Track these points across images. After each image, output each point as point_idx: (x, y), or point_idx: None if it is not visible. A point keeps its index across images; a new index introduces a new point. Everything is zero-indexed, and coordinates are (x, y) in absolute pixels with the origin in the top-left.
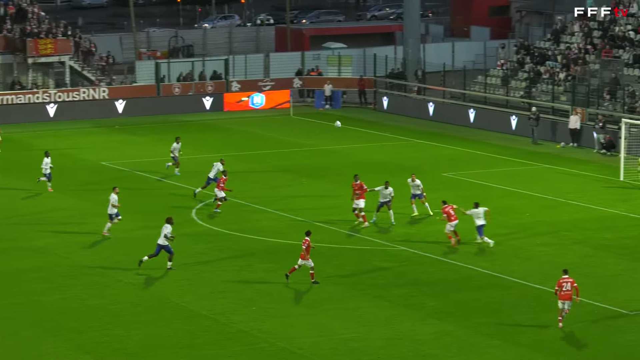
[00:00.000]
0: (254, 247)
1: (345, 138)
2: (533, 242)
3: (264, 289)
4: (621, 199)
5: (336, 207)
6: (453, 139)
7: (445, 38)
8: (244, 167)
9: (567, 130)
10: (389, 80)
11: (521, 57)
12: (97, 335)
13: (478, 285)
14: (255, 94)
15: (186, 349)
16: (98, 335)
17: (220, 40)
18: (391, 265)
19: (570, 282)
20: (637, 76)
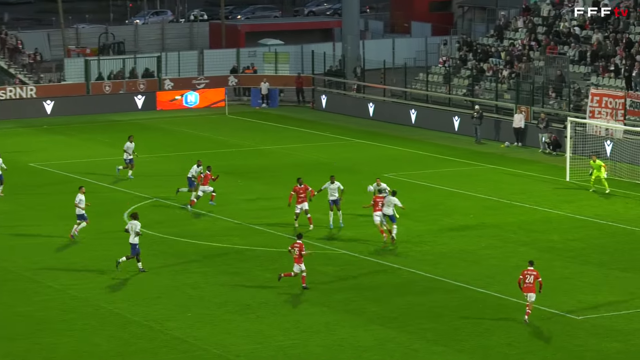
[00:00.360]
0: (188, 251)
1: (283, 138)
2: (478, 245)
3: (199, 295)
4: (567, 200)
5: (272, 209)
6: (394, 138)
7: (385, 34)
8: (178, 168)
9: (512, 130)
10: (328, 78)
11: (463, 54)
12: (26, 343)
13: (421, 290)
14: (189, 92)
15: (118, 357)
16: (27, 343)
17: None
18: (331, 270)
19: (534, 275)
20: (583, 73)
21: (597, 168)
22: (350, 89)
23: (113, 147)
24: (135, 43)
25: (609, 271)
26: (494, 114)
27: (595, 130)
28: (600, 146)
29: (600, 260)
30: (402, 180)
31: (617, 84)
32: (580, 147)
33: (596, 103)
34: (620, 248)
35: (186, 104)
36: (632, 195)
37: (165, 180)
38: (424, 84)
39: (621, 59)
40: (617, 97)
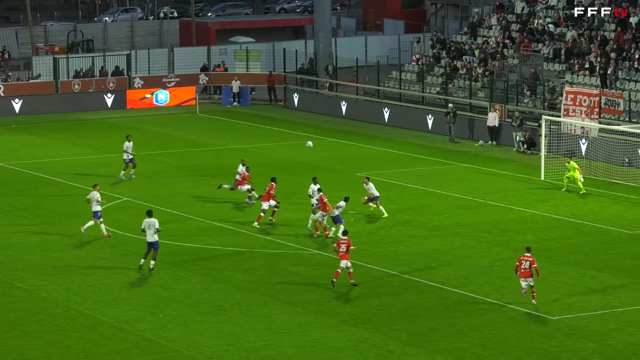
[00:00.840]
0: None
1: (255, 137)
2: (452, 245)
3: (170, 296)
4: (542, 199)
5: (245, 209)
6: (367, 137)
7: (357, 32)
8: (149, 167)
9: (486, 128)
10: (300, 76)
11: (437, 51)
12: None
13: (395, 290)
14: (159, 90)
15: (89, 358)
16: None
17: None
18: (303, 270)
19: (529, 262)
20: (558, 71)
21: (572, 169)
22: (322, 87)
23: (82, 147)
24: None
25: (584, 271)
26: (467, 112)
27: (570, 128)
28: (575, 145)
29: (575, 260)
30: (375, 180)
31: (592, 81)
32: (555, 146)
33: (571, 101)
34: (596, 247)
35: (156, 102)
36: (607, 194)
37: (135, 180)
38: (397, 82)
39: (596, 57)
40: (592, 95)
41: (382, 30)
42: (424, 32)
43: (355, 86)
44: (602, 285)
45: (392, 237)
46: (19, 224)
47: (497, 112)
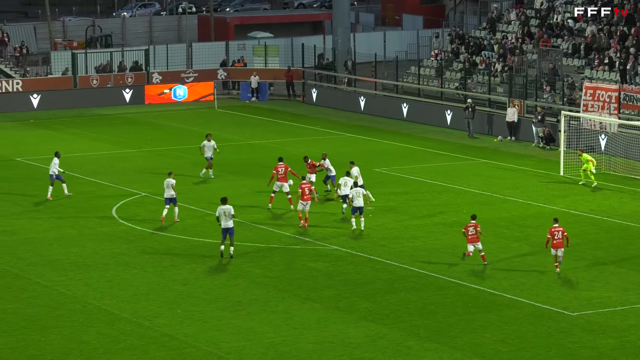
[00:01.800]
0: (177, 247)
1: (273, 132)
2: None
3: (188, 291)
4: (561, 195)
5: (262, 205)
6: (385, 132)
7: (376, 27)
8: (166, 162)
9: (505, 124)
10: (318, 72)
11: (456, 46)
12: (12, 340)
13: (413, 286)
14: (177, 85)
15: (107, 354)
16: (13, 340)
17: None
18: (322, 265)
19: (561, 231)
20: (577, 66)
21: (585, 161)
22: (341, 82)
23: (100, 142)
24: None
25: (603, 267)
26: (486, 107)
27: (589, 124)
28: (594, 140)
29: (594, 256)
30: (394, 175)
31: (611, 77)
32: (574, 141)
33: (590, 96)
34: (615, 243)
35: (175, 97)
36: (627, 190)
37: (153, 176)
38: (416, 78)
39: (615, 52)
40: (611, 90)
41: (400, 26)
42: (442, 28)
43: (374, 81)
44: (621, 281)
45: (410, 233)
46: (37, 218)
47: (516, 108)
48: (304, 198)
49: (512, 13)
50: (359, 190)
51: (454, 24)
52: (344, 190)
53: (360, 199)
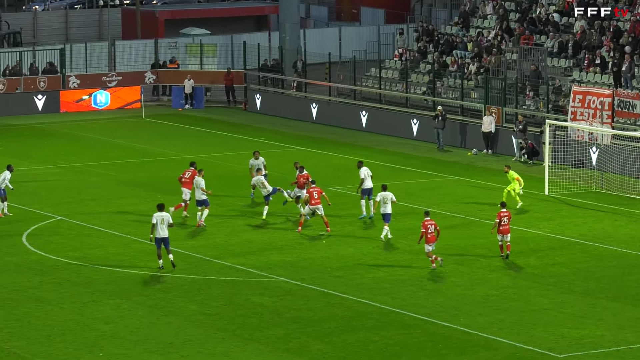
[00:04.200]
0: (98, 279)
1: (211, 145)
2: (441, 271)
3: (112, 331)
4: (545, 217)
5: (199, 230)
6: (341, 145)
7: (330, 22)
8: (85, 180)
9: (480, 134)
10: (262, 75)
11: (423, 45)
12: None
13: (374, 324)
14: (98, 91)
15: None
16: None
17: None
18: (268, 300)
19: (507, 217)
20: (563, 68)
21: (511, 179)
22: (289, 87)
23: (7, 157)
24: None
25: (595, 301)
26: (459, 116)
27: (577, 134)
28: (584, 153)
29: (585, 288)
30: (351, 195)
31: (603, 80)
32: (560, 155)
33: (579, 103)
34: (609, 273)
35: (95, 105)
36: (622, 212)
37: (71, 196)
38: (377, 81)
39: (608, 51)
40: (603, 95)
41: (358, 21)
42: (407, 23)
43: (328, 86)
44: (616, 317)
45: (371, 262)
46: None
47: (493, 116)
48: (312, 202)
49: (488, 6)
50: (387, 195)
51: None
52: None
53: (388, 204)
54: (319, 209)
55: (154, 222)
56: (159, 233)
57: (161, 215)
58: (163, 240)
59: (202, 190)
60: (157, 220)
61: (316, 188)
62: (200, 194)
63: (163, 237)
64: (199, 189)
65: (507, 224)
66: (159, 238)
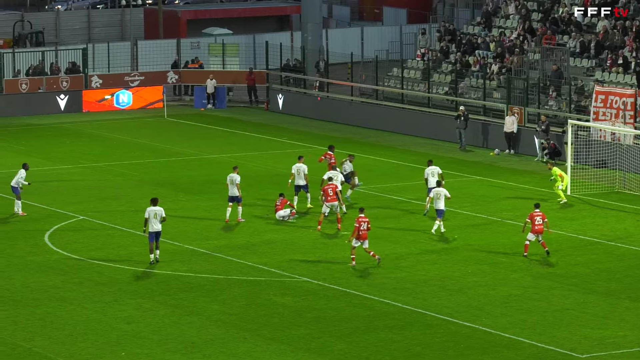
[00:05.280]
0: (120, 278)
1: (233, 145)
2: (463, 271)
3: (134, 331)
4: (568, 217)
5: (220, 230)
6: (363, 145)
7: (352, 22)
8: (107, 180)
9: (502, 134)
10: (285, 74)
11: (445, 45)
12: None
13: (396, 324)
14: (120, 91)
15: None
16: None
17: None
18: (290, 300)
19: (541, 216)
20: (586, 68)
21: (555, 176)
22: (311, 86)
23: (30, 156)
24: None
25: (617, 301)
26: (481, 116)
27: (600, 135)
28: (606, 153)
29: (607, 289)
30: (372, 194)
31: (626, 80)
32: (583, 155)
33: (601, 103)
34: (631, 274)
35: (117, 104)
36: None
37: (93, 195)
38: (399, 81)
39: (631, 51)
40: (625, 95)
41: (381, 20)
42: (430, 23)
43: (350, 86)
44: (639, 318)
45: (393, 262)
46: None
47: (515, 116)
48: (328, 199)
49: (510, 6)
50: (441, 191)
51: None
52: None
53: (441, 200)
54: (334, 206)
55: (147, 216)
56: (152, 227)
57: (154, 209)
58: (156, 235)
59: (237, 186)
60: (150, 214)
61: (332, 185)
62: (234, 190)
63: (156, 231)
64: (234, 185)
65: (541, 224)
66: (152, 232)
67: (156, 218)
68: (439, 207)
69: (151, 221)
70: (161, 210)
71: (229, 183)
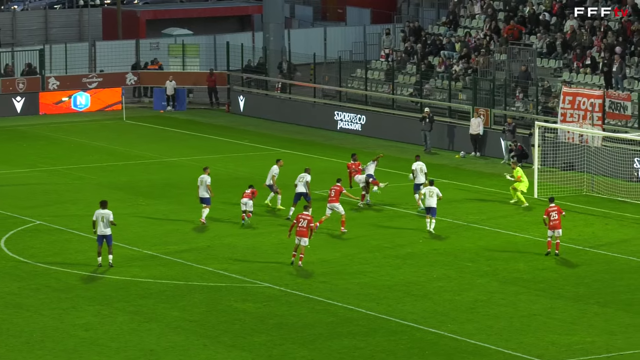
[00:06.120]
0: (77, 284)
1: (193, 148)
2: (428, 276)
3: (91, 338)
4: (535, 221)
5: (181, 234)
6: (326, 147)
7: (315, 22)
8: (65, 184)
9: (468, 137)
10: (246, 76)
11: (410, 45)
12: None
13: (360, 331)
14: (78, 93)
15: None
16: None
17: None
18: (251, 307)
19: (556, 211)
20: (554, 68)
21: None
22: (273, 88)
23: None
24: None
25: (586, 306)
26: (446, 117)
27: (567, 136)
28: (574, 156)
29: (575, 294)
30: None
31: (594, 81)
32: (550, 158)
33: (569, 104)
34: (600, 278)
35: (75, 107)
36: (613, 215)
37: (50, 200)
38: (363, 82)
39: (599, 51)
40: (594, 96)
41: (344, 21)
42: (394, 23)
43: (313, 87)
44: (607, 323)
45: (356, 267)
46: None
47: (481, 118)
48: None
49: (476, 5)
50: (434, 190)
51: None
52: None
53: (433, 199)
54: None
55: (95, 219)
56: (101, 230)
57: (102, 212)
58: (105, 238)
59: (208, 187)
60: (98, 217)
61: (336, 186)
62: (204, 192)
63: (105, 234)
64: (204, 186)
65: (557, 219)
66: (100, 235)
67: (104, 221)
68: (432, 205)
69: (100, 224)
70: (109, 214)
71: (199, 184)
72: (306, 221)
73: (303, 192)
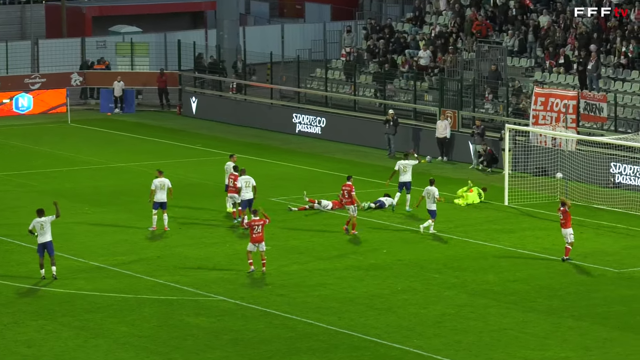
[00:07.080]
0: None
1: (142, 153)
2: (393, 288)
3: (35, 355)
4: (505, 229)
5: (130, 244)
6: (284, 152)
7: (272, 19)
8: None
9: (434, 140)
10: (199, 76)
11: (372, 43)
12: None
13: (320, 346)
14: (20, 94)
15: None
16: None
17: None
18: (204, 321)
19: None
20: (525, 67)
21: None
22: (227, 89)
23: None
24: None
25: (559, 320)
26: (411, 120)
27: (540, 140)
28: (547, 160)
29: (549, 307)
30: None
31: (567, 81)
32: (521, 162)
33: (541, 105)
34: (574, 290)
35: (17, 109)
36: (588, 223)
37: None
38: (322, 83)
39: (573, 49)
40: (567, 97)
41: (303, 17)
42: (355, 19)
43: (269, 88)
44: (582, 337)
45: (316, 279)
46: None
47: (448, 120)
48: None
49: (441, 1)
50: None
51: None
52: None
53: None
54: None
55: (31, 228)
56: (41, 238)
57: (40, 220)
58: (45, 247)
59: (170, 190)
60: (36, 226)
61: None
62: (163, 196)
63: (44, 242)
64: (164, 190)
65: (562, 219)
66: (40, 244)
67: (43, 229)
68: (431, 207)
69: (38, 232)
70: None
71: (158, 188)
72: (260, 226)
73: (251, 199)
